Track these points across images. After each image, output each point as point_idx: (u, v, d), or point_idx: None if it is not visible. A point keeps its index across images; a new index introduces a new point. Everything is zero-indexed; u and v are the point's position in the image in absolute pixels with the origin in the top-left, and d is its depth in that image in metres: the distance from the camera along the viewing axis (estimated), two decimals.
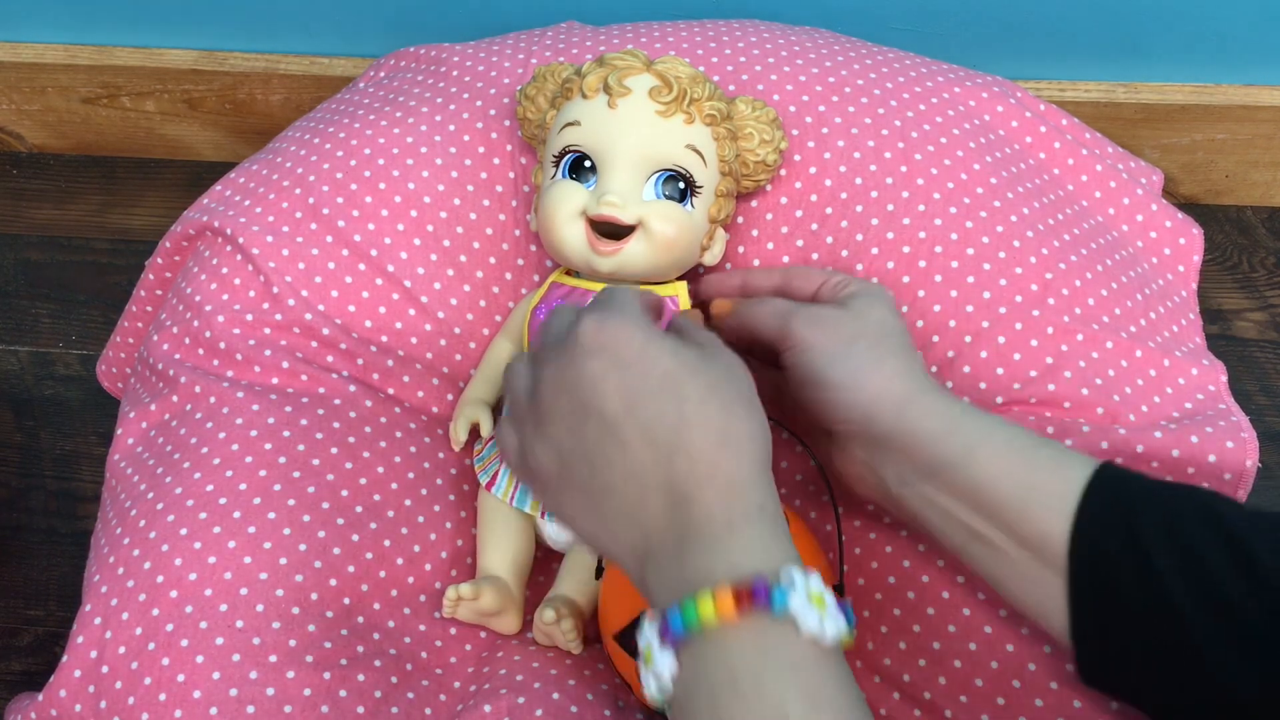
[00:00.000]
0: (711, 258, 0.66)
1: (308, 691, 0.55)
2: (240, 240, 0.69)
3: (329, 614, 0.58)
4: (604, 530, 0.45)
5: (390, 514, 0.63)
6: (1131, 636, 0.49)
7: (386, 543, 0.62)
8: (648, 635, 0.42)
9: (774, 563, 0.42)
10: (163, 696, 0.55)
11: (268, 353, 0.66)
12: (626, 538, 0.44)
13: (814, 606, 0.41)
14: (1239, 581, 0.46)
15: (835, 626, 0.41)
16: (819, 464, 0.56)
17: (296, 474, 0.61)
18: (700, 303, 0.66)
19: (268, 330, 0.67)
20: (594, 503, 0.45)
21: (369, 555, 0.61)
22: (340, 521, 0.61)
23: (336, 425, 0.64)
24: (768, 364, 0.59)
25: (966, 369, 0.64)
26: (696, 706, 0.40)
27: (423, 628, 0.62)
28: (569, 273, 0.66)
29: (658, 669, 0.41)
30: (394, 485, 0.64)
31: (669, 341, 0.46)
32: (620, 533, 0.45)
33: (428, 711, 0.58)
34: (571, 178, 0.62)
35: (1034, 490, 0.50)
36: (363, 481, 0.63)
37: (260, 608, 0.57)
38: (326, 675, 0.56)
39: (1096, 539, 0.49)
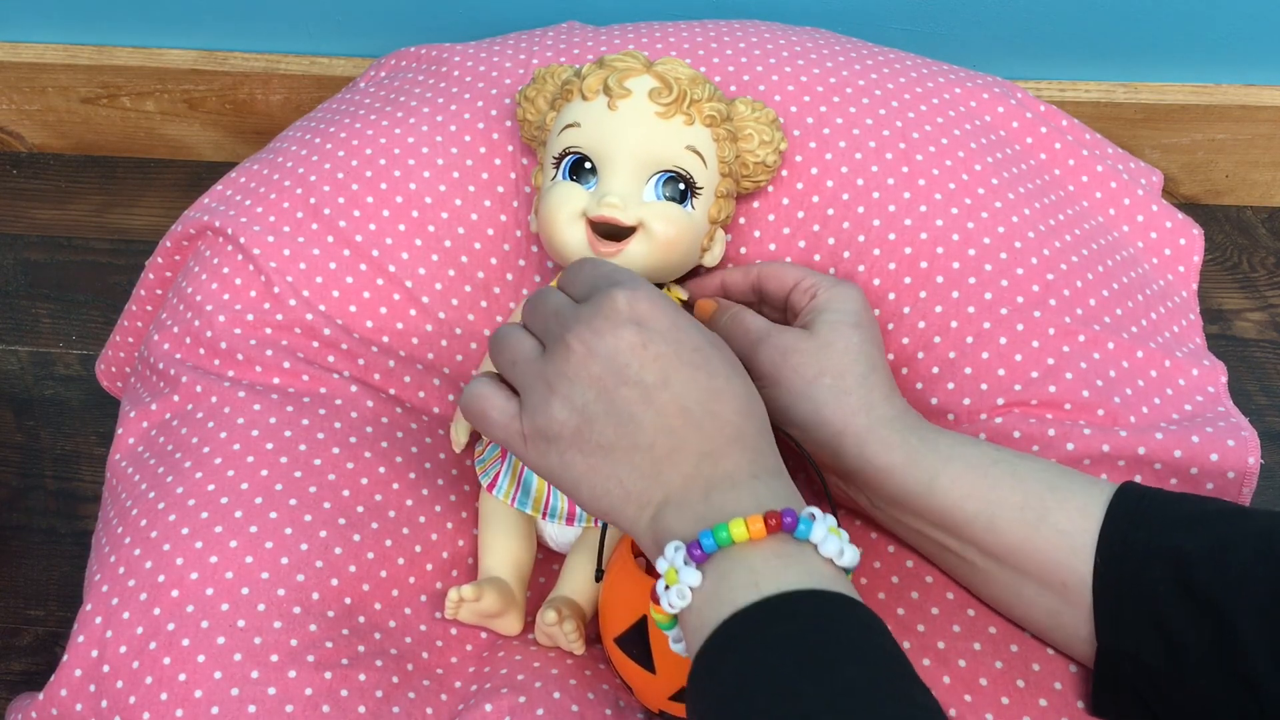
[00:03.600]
0: (711, 259, 0.66)
1: (309, 691, 0.55)
2: (241, 240, 0.69)
3: (330, 613, 0.58)
4: (614, 483, 0.48)
5: (391, 514, 0.63)
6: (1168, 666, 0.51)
7: (388, 542, 0.62)
8: (670, 557, 0.45)
9: (797, 506, 0.46)
10: (164, 696, 0.55)
11: (269, 353, 0.66)
12: (638, 489, 0.47)
13: (834, 536, 0.45)
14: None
15: (851, 555, 0.45)
16: (815, 466, 0.57)
17: (298, 473, 0.61)
18: (683, 304, 0.66)
19: (269, 330, 0.67)
20: (612, 459, 0.47)
21: (370, 555, 0.61)
22: (341, 521, 0.61)
23: (338, 425, 0.64)
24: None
25: (968, 370, 0.64)
26: (717, 610, 0.43)
27: (424, 627, 0.62)
28: None
29: (683, 582, 0.44)
30: (395, 485, 0.64)
31: (692, 319, 0.50)
32: (632, 485, 0.47)
33: (429, 711, 0.58)
34: (572, 179, 0.62)
35: (999, 507, 0.54)
36: (364, 481, 0.63)
37: (261, 607, 0.57)
38: (328, 675, 0.56)
39: (1122, 556, 0.51)
